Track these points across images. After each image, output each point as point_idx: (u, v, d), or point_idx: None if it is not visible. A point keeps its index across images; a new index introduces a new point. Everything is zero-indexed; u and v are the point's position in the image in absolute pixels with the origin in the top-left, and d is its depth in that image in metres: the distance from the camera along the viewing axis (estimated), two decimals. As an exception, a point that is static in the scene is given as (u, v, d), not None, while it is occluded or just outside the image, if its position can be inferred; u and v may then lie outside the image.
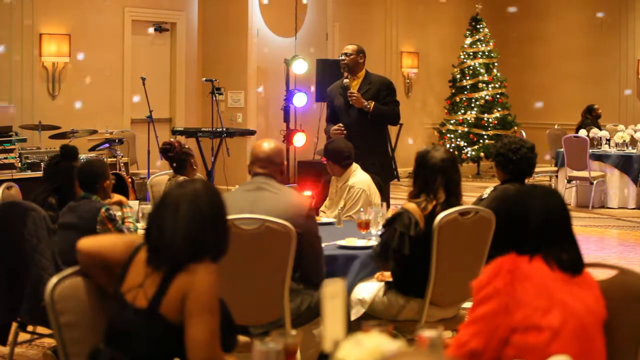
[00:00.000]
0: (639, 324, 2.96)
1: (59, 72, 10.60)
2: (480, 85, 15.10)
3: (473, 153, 14.99)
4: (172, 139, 6.23)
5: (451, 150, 14.83)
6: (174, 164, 6.07)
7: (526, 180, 5.11)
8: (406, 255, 4.33)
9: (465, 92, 15.16)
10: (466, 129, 15.03)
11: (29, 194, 5.54)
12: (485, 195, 5.14)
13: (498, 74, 15.29)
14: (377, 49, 14.72)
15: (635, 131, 12.04)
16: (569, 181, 11.71)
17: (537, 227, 2.88)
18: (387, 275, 4.56)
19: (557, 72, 16.29)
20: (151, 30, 11.65)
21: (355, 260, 4.62)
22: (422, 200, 4.38)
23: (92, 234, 4.77)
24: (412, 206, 4.38)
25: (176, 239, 2.76)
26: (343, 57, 7.07)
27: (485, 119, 15.05)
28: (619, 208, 11.49)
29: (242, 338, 3.81)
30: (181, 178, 5.84)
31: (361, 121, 6.86)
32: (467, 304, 4.02)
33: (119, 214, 5.01)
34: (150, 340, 2.73)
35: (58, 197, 5.30)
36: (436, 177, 4.38)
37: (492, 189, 5.13)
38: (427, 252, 4.34)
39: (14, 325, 4.67)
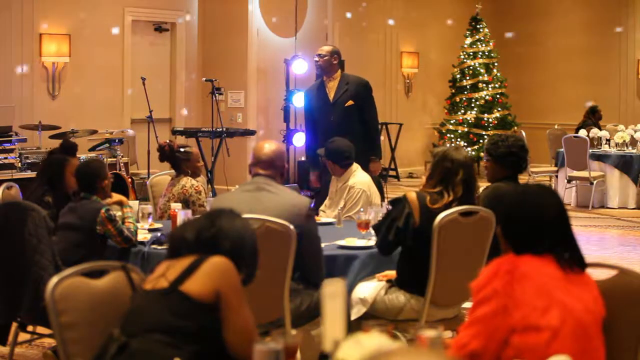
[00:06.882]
0: (639, 323, 2.96)
1: (59, 72, 10.60)
2: (480, 85, 15.09)
3: (473, 153, 14.97)
4: (167, 141, 6.21)
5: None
6: (172, 165, 6.09)
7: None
8: (406, 245, 4.37)
9: (465, 92, 15.16)
10: (466, 129, 15.03)
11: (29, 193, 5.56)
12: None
13: (498, 74, 15.29)
14: (377, 49, 14.72)
15: (635, 131, 12.04)
16: (569, 181, 11.70)
17: (537, 227, 2.88)
18: (389, 275, 4.56)
19: (557, 72, 16.28)
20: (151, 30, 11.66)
21: (355, 260, 4.62)
22: (435, 192, 4.38)
23: (92, 234, 4.78)
24: (412, 196, 4.40)
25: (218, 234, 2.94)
26: (317, 59, 7.14)
27: (485, 119, 15.04)
28: (619, 208, 11.48)
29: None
30: (184, 179, 5.84)
31: (340, 122, 6.93)
32: (468, 304, 4.03)
33: (119, 214, 5.01)
34: (165, 313, 2.73)
35: (53, 194, 5.33)
36: (459, 171, 4.39)
37: (484, 188, 5.11)
38: (426, 246, 4.34)
39: (14, 325, 4.67)
